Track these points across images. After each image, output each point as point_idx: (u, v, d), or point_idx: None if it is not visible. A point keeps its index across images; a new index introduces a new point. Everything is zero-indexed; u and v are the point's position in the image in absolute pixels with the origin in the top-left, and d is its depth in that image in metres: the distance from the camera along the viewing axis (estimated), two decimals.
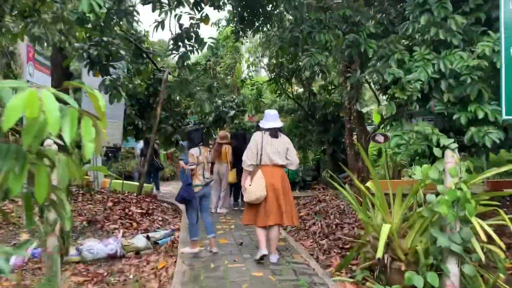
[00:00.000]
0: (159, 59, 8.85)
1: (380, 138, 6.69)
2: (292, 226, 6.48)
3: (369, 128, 7.85)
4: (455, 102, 4.41)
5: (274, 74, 11.20)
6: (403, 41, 4.80)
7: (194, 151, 5.06)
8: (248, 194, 4.48)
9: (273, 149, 4.48)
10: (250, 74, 11.60)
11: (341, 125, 11.20)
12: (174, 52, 5.33)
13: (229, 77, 15.26)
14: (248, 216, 4.64)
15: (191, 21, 5.15)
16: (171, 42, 5.17)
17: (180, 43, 5.20)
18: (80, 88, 1.80)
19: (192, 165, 5.02)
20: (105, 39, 4.95)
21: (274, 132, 4.54)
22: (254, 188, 4.42)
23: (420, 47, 4.50)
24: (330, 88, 11.71)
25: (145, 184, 9.90)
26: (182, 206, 8.56)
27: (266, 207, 4.42)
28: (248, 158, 4.54)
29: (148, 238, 5.73)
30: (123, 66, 8.08)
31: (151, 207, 7.80)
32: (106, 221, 6.29)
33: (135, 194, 8.57)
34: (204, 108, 5.38)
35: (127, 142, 13.54)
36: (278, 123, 4.64)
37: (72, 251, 4.93)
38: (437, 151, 3.40)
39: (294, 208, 4.75)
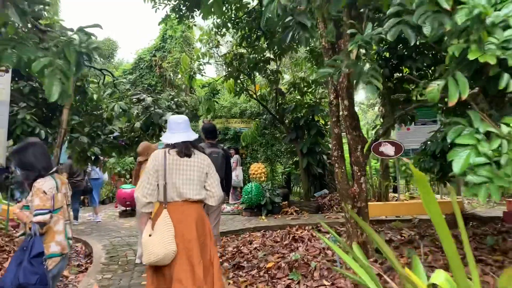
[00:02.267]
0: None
1: (389, 149, 4.41)
2: None
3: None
4: None
5: (232, 67, 8.84)
6: None
7: (46, 183, 2.62)
8: (147, 252, 2.69)
9: (183, 176, 2.87)
10: (201, 67, 9.22)
11: (317, 131, 9.00)
12: None
13: (178, 75, 12.74)
14: (153, 285, 2.78)
15: None
16: None
17: None
18: None
19: (43, 212, 2.58)
20: None
21: (184, 149, 2.93)
22: (157, 241, 2.68)
23: None
24: (302, 86, 9.50)
25: None
26: (98, 250, 6.04)
27: (171, 269, 2.74)
28: (142, 193, 2.84)
29: None
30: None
31: None
32: None
33: None
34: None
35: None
36: (190, 135, 3.00)
37: None
38: None
39: (219, 270, 2.92)
